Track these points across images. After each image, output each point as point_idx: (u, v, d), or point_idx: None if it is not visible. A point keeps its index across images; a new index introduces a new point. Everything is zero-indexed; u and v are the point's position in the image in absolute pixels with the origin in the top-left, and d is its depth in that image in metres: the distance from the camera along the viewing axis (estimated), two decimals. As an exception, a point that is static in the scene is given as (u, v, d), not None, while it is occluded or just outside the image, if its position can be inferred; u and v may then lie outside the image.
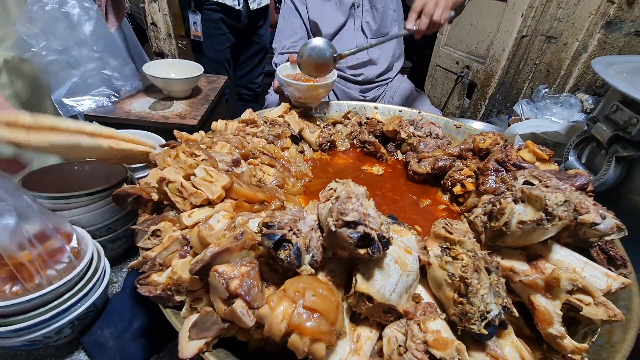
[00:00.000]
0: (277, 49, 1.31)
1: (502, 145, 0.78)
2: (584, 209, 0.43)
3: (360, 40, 1.31)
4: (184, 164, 0.54)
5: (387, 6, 1.25)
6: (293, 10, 1.28)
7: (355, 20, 1.28)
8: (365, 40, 1.32)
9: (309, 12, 1.28)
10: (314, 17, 1.28)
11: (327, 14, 1.27)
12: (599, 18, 1.31)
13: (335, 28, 1.30)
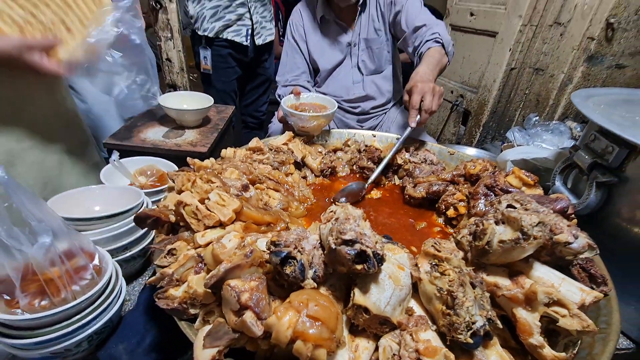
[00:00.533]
0: (280, 81, 1.41)
1: (491, 171, 0.84)
2: (558, 230, 0.48)
3: (356, 78, 1.41)
4: (200, 189, 0.60)
5: (382, 48, 1.36)
6: (295, 47, 1.39)
7: (352, 58, 1.38)
8: (361, 76, 1.41)
9: (310, 49, 1.38)
10: (313, 54, 1.39)
11: (325, 51, 1.37)
12: (581, 53, 1.40)
13: (333, 64, 1.40)
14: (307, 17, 1.35)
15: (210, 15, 1.38)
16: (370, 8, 1.32)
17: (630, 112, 0.87)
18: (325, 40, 1.36)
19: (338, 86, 1.41)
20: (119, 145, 0.96)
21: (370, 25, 1.33)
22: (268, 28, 1.54)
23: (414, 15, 1.21)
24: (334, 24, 1.33)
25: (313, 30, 1.36)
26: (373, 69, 1.39)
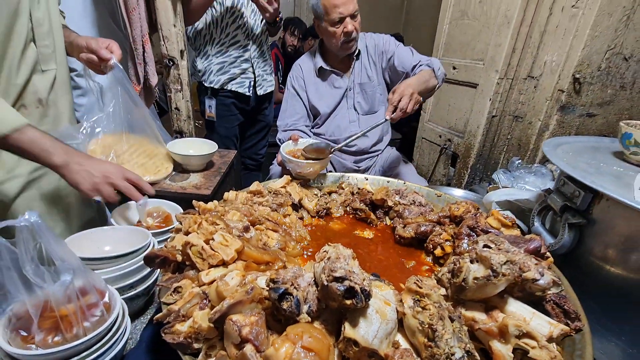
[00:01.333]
0: (280, 126, 1.52)
1: (473, 212, 0.90)
2: (526, 268, 0.53)
3: (352, 117, 1.54)
4: (206, 231, 0.66)
5: (375, 91, 1.51)
6: (295, 95, 1.52)
7: (348, 101, 1.52)
8: (356, 116, 1.54)
9: (309, 96, 1.52)
10: (312, 100, 1.52)
11: (324, 96, 1.51)
12: (553, 103, 1.54)
13: (331, 107, 1.53)
14: (306, 69, 1.51)
15: (217, 69, 1.53)
16: (362, 57, 1.48)
17: (595, 159, 0.96)
18: (323, 87, 1.50)
19: (336, 126, 1.54)
20: (129, 189, 1.02)
21: (363, 72, 1.49)
22: (269, 80, 1.69)
23: (408, 57, 1.43)
24: (331, 72, 1.49)
25: (312, 80, 1.50)
26: (367, 109, 1.53)
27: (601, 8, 1.35)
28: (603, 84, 1.50)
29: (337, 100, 1.51)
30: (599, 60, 1.45)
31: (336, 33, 1.36)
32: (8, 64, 0.81)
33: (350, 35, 1.36)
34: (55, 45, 0.91)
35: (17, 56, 0.82)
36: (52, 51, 0.90)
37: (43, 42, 0.88)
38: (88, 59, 0.90)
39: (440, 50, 2.10)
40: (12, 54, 0.81)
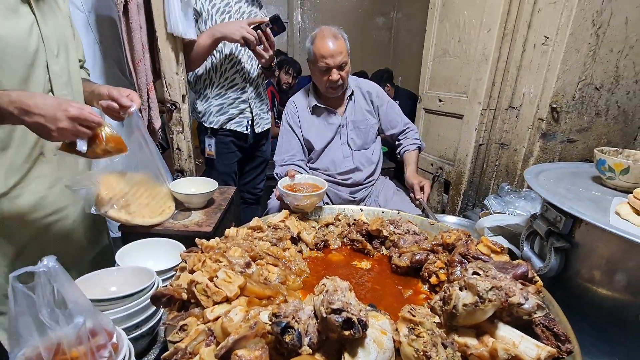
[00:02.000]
0: (277, 161, 1.59)
1: (464, 240, 0.95)
2: (512, 293, 0.57)
3: (346, 153, 1.61)
4: (210, 268, 0.70)
5: (367, 128, 1.61)
6: (290, 132, 1.60)
7: (341, 137, 1.60)
8: (350, 151, 1.62)
9: (303, 132, 1.60)
10: (307, 136, 1.60)
11: (318, 133, 1.59)
12: (535, 131, 1.63)
13: (325, 143, 1.61)
14: (301, 107, 1.60)
15: (216, 111, 1.62)
16: (356, 97, 1.59)
17: (575, 184, 1.02)
18: (317, 124, 1.59)
19: (330, 161, 1.61)
20: (134, 229, 1.06)
21: (358, 110, 1.60)
22: (266, 118, 1.78)
23: (398, 119, 1.68)
24: (324, 110, 1.58)
25: (307, 117, 1.59)
26: (360, 144, 1.62)
27: (568, 45, 1.48)
28: (579, 112, 1.60)
29: (330, 135, 1.59)
30: (572, 90, 1.56)
31: (322, 79, 1.47)
32: None
33: (334, 83, 1.47)
34: (73, 95, 0.99)
35: None
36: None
37: (61, 92, 0.94)
38: (108, 105, 0.96)
39: (426, 84, 2.23)
40: None
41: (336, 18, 4.53)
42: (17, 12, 0.82)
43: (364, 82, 1.66)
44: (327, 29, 1.45)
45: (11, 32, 0.80)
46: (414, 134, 1.69)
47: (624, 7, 1.47)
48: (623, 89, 1.62)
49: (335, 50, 1.41)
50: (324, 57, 1.42)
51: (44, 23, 0.88)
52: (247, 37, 1.40)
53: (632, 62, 1.57)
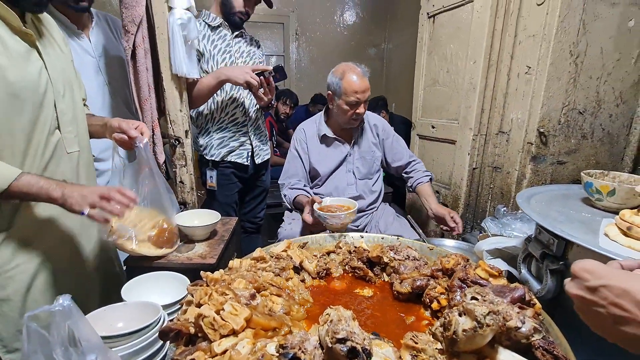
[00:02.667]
0: (284, 185, 1.66)
1: (463, 265, 0.97)
2: (509, 317, 0.59)
3: (350, 181, 1.68)
4: (216, 302, 0.72)
5: (373, 157, 1.69)
6: (297, 157, 1.67)
7: (347, 165, 1.67)
8: (354, 180, 1.68)
9: (311, 159, 1.67)
10: (314, 162, 1.67)
11: (325, 160, 1.67)
12: (525, 154, 1.70)
13: (331, 170, 1.68)
14: (310, 134, 1.68)
15: (217, 144, 1.68)
16: (365, 128, 1.68)
17: (566, 206, 1.06)
18: (325, 151, 1.67)
19: (334, 187, 1.67)
20: (139, 263, 1.08)
21: (365, 141, 1.69)
22: (265, 149, 1.85)
23: (404, 152, 1.76)
24: (334, 140, 1.66)
25: (315, 144, 1.67)
26: (365, 173, 1.69)
27: (550, 73, 1.57)
28: (566, 135, 1.67)
29: (337, 163, 1.67)
30: (557, 115, 1.63)
31: (348, 112, 1.56)
32: (34, 149, 0.92)
33: (360, 116, 1.58)
34: (78, 131, 1.04)
35: (42, 142, 0.93)
36: (75, 136, 1.03)
37: (67, 129, 1.00)
38: (120, 138, 1.05)
39: (419, 111, 2.32)
40: (37, 140, 0.92)
41: (330, 50, 4.76)
42: (27, 59, 0.89)
43: (371, 115, 1.77)
44: (353, 66, 1.56)
45: (23, 77, 0.87)
46: (421, 166, 1.77)
47: (598, 38, 1.58)
48: (605, 112, 1.70)
49: (366, 86, 1.54)
50: (356, 92, 1.51)
51: (51, 66, 0.95)
52: (251, 81, 1.49)
53: (611, 87, 1.67)
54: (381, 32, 4.89)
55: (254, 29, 4.33)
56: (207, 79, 1.52)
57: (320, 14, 4.68)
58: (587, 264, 0.49)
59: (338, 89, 1.55)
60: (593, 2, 1.52)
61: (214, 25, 1.61)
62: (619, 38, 1.60)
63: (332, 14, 4.73)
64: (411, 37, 3.83)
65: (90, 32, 1.44)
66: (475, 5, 1.78)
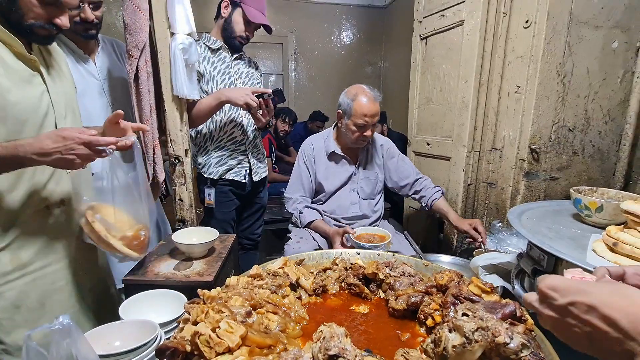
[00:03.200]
0: (289, 199, 1.71)
1: (457, 281, 0.98)
2: (497, 333, 0.61)
3: (354, 200, 1.72)
4: (212, 319, 0.73)
5: (377, 179, 1.74)
6: (305, 170, 1.72)
7: (352, 184, 1.71)
8: (358, 199, 1.72)
9: (317, 174, 1.71)
10: (320, 177, 1.71)
11: (331, 177, 1.71)
12: (518, 170, 1.73)
13: (335, 187, 1.72)
14: (317, 149, 1.72)
15: (216, 162, 1.72)
16: (370, 149, 1.73)
17: (556, 222, 1.09)
18: (331, 168, 1.71)
19: (337, 205, 1.70)
20: (137, 281, 1.09)
21: (370, 161, 1.73)
22: (262, 167, 1.88)
23: (410, 170, 1.79)
24: (341, 158, 1.70)
25: (322, 159, 1.71)
26: (368, 193, 1.72)
27: (538, 92, 1.62)
28: (557, 152, 1.71)
29: (342, 181, 1.70)
30: (548, 133, 1.68)
31: (356, 133, 1.61)
32: (32, 168, 0.95)
33: (367, 138, 1.63)
34: None
35: None
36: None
37: None
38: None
39: (414, 129, 2.37)
40: None
41: (328, 69, 4.88)
42: (30, 83, 0.94)
43: (378, 136, 1.81)
44: (366, 89, 1.62)
45: (24, 99, 0.91)
46: (429, 183, 1.79)
47: (583, 59, 1.64)
48: (595, 130, 1.75)
49: (376, 111, 1.59)
50: (365, 115, 1.56)
51: (53, 89, 1.00)
52: (250, 103, 1.55)
53: (599, 105, 1.72)
54: (377, 51, 5.03)
55: (253, 49, 4.46)
56: (208, 99, 1.58)
57: (318, 35, 4.83)
58: (553, 280, 0.48)
59: (348, 109, 1.60)
60: (577, 25, 1.59)
61: (214, 47, 1.68)
62: (603, 59, 1.66)
63: (330, 35, 4.87)
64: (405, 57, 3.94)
65: (96, 56, 1.50)
66: (465, 28, 1.85)
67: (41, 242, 1.00)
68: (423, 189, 1.77)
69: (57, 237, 1.04)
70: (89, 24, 1.37)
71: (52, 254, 1.03)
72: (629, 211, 0.82)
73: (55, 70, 1.03)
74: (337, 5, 4.78)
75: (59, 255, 1.05)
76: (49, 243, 1.02)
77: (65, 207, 1.06)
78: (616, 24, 1.64)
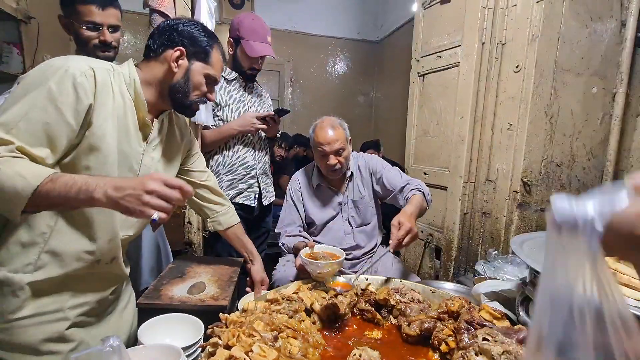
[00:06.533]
0: (282, 233, 1.68)
1: (467, 307, 1.04)
2: (520, 356, 0.66)
3: (347, 230, 1.72)
4: (245, 343, 0.75)
5: (367, 205, 1.73)
6: (293, 207, 1.73)
7: (342, 214, 1.72)
8: (351, 229, 1.72)
9: (306, 207, 1.72)
10: (309, 212, 1.72)
11: (320, 209, 1.72)
12: (512, 201, 1.84)
13: (326, 219, 1.72)
14: (303, 184, 1.75)
15: (227, 185, 1.75)
16: (355, 178, 1.73)
17: (555, 252, 1.17)
18: (319, 201, 1.72)
19: (331, 237, 1.70)
20: (151, 304, 1.09)
21: (356, 190, 1.73)
22: (271, 192, 1.93)
23: (397, 179, 1.66)
24: (327, 189, 1.72)
25: (309, 194, 1.73)
26: (360, 222, 1.73)
27: (529, 130, 1.77)
28: (547, 185, 1.84)
29: (332, 213, 1.72)
30: (538, 167, 1.81)
31: (321, 162, 1.63)
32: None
33: (332, 167, 1.59)
34: None
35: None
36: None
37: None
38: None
39: (411, 159, 2.49)
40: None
41: (322, 96, 5.06)
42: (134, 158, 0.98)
43: (361, 156, 1.79)
44: (327, 119, 1.64)
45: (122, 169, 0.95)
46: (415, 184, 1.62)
47: (568, 101, 1.81)
48: (579, 166, 1.89)
49: (332, 137, 1.56)
50: (321, 144, 1.57)
51: (149, 154, 1.04)
52: (259, 127, 1.68)
53: (583, 143, 1.88)
54: (369, 82, 5.28)
55: (252, 76, 4.60)
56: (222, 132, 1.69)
57: (314, 65, 5.04)
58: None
59: (311, 141, 1.65)
60: (561, 72, 1.77)
61: (229, 79, 1.77)
62: (585, 102, 1.84)
63: (325, 65, 5.10)
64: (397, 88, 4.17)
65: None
66: (461, 69, 2.02)
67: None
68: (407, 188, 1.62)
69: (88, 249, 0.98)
70: (107, 45, 1.42)
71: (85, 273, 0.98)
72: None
73: (167, 137, 1.09)
74: (333, 38, 5.04)
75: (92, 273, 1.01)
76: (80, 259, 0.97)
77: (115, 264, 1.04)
78: (595, 72, 1.83)
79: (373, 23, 5.09)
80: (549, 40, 1.72)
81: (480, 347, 0.66)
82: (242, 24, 1.73)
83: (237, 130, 1.69)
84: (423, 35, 2.36)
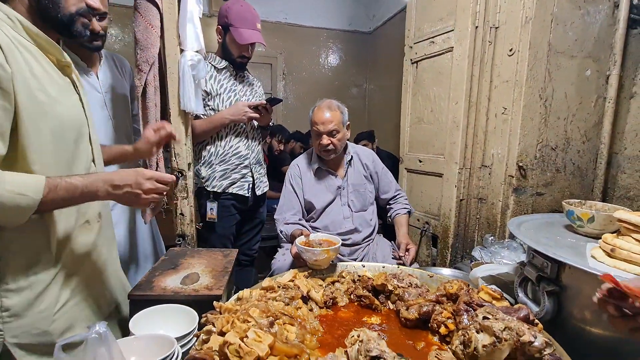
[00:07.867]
0: (280, 220, 1.67)
1: (466, 289, 1.02)
2: (522, 332, 0.65)
3: (346, 214, 1.71)
4: (239, 329, 0.73)
5: (366, 190, 1.75)
6: (292, 192, 1.71)
7: (341, 198, 1.72)
8: (350, 213, 1.72)
9: (305, 193, 1.70)
10: (308, 197, 1.70)
11: (319, 193, 1.70)
12: (507, 186, 1.83)
13: (325, 204, 1.71)
14: (303, 169, 1.73)
15: (220, 175, 1.72)
16: (355, 163, 1.75)
17: (552, 233, 1.16)
18: (319, 185, 1.71)
19: (331, 221, 1.69)
20: (144, 296, 1.06)
21: (356, 174, 1.75)
22: (264, 181, 1.90)
23: (391, 186, 1.83)
24: (326, 172, 1.71)
25: (309, 178, 1.72)
26: (360, 206, 1.73)
27: (524, 114, 1.75)
28: (542, 169, 1.83)
29: (331, 197, 1.71)
30: (533, 151, 1.80)
31: (316, 142, 1.65)
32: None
33: (324, 147, 1.63)
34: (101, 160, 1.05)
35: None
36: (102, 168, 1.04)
37: (98, 159, 1.02)
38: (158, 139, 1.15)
39: (406, 147, 2.47)
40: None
41: (315, 89, 5.01)
42: (68, 91, 0.91)
43: (361, 149, 1.85)
44: (328, 101, 1.67)
45: (68, 110, 0.88)
46: (403, 200, 1.84)
47: (562, 84, 1.80)
48: (574, 149, 1.89)
49: (327, 118, 1.60)
50: (316, 123, 1.61)
51: (84, 100, 0.98)
52: (252, 116, 1.66)
53: (577, 127, 1.87)
54: (362, 73, 5.24)
55: (243, 69, 4.54)
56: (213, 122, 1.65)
57: (306, 57, 4.98)
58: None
59: (310, 119, 1.69)
60: (555, 55, 1.75)
61: (219, 67, 1.73)
62: (579, 85, 1.83)
63: (317, 57, 5.04)
64: (390, 79, 4.14)
65: (98, 69, 1.50)
66: (454, 54, 1.99)
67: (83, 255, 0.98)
68: (396, 202, 1.83)
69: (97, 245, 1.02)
70: (95, 35, 1.37)
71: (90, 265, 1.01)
72: (623, 220, 0.89)
73: (77, 77, 1.02)
74: (325, 30, 4.98)
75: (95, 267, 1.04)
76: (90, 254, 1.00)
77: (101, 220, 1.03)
78: (588, 54, 1.82)
79: (365, 13, 5.03)
80: (543, 22, 1.70)
81: (481, 324, 0.65)
82: (230, 11, 1.68)
83: (229, 120, 1.66)
84: (416, 21, 2.33)
